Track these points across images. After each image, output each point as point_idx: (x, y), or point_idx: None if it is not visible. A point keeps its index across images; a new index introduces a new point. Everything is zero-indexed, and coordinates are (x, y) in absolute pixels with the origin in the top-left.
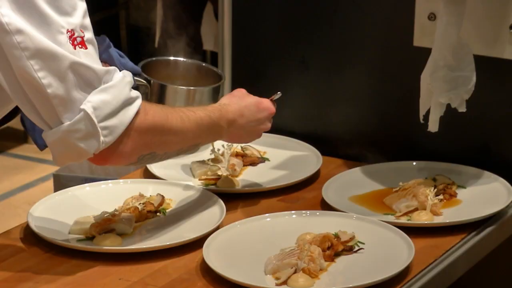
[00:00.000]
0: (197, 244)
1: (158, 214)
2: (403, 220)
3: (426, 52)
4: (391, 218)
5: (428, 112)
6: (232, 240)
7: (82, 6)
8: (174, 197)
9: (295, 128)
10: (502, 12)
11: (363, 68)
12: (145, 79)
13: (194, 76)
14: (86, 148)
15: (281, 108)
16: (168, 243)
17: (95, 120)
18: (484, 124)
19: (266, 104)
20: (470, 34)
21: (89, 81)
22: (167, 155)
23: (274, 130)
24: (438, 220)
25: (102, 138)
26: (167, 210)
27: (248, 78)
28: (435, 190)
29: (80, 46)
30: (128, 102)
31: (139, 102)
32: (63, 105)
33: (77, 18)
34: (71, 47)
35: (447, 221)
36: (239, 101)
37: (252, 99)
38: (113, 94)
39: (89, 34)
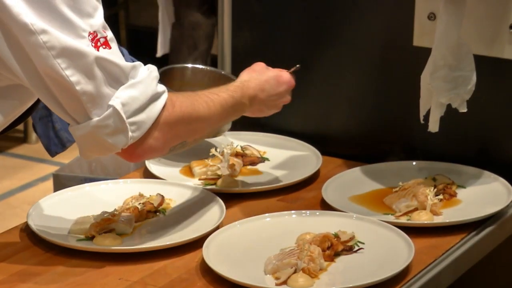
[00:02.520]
0: (197, 244)
1: (158, 214)
2: (403, 220)
3: (426, 52)
4: (391, 218)
5: (428, 112)
6: (232, 240)
7: (101, 7)
8: (174, 197)
9: (295, 128)
10: (502, 12)
11: (363, 68)
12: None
13: (213, 85)
14: (114, 143)
15: (282, 109)
16: (168, 243)
17: (124, 116)
18: (484, 124)
19: (286, 77)
20: (470, 34)
21: (116, 77)
22: (196, 141)
23: (274, 130)
24: (438, 220)
25: (130, 134)
26: (167, 210)
27: None
28: (435, 190)
29: (104, 46)
30: (155, 97)
31: (165, 96)
32: (92, 102)
33: (99, 19)
34: (94, 49)
35: (447, 221)
36: (259, 76)
37: (272, 73)
38: (140, 89)
39: (110, 33)
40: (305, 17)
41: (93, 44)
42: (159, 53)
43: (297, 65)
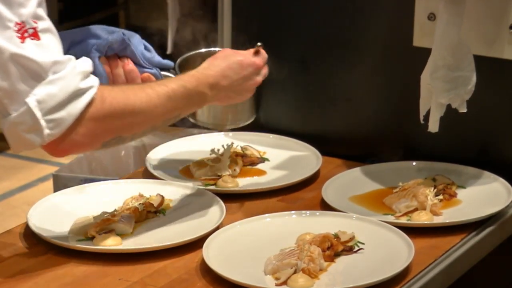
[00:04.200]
0: (196, 244)
1: (157, 214)
2: (403, 220)
3: (426, 52)
4: (391, 218)
5: (428, 112)
6: (232, 240)
7: None
8: (174, 197)
9: (295, 128)
10: (502, 12)
11: (363, 68)
12: (175, 75)
13: None
14: (31, 140)
15: (281, 108)
16: (167, 243)
17: (38, 114)
18: (484, 124)
19: (249, 60)
20: (470, 34)
21: (33, 73)
22: (138, 135)
23: (274, 130)
24: (438, 220)
25: (47, 131)
26: (166, 210)
27: None
28: (435, 190)
29: (32, 37)
30: (78, 93)
31: (92, 91)
32: (9, 98)
33: (30, 8)
34: (18, 40)
35: (447, 221)
36: (220, 63)
37: (235, 57)
38: (59, 86)
39: (44, 24)
40: (305, 16)
41: (18, 35)
42: (169, 50)
43: (258, 43)
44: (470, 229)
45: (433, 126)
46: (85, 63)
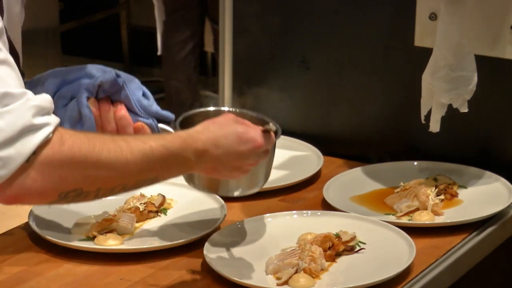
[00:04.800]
0: (198, 244)
1: (159, 214)
2: (404, 220)
3: (427, 52)
4: (392, 218)
5: (429, 112)
6: (233, 240)
7: None
8: (175, 197)
9: (296, 128)
10: (503, 12)
11: (364, 68)
12: (174, 129)
13: None
14: None
15: (282, 108)
16: (169, 243)
17: None
18: (485, 124)
19: (252, 135)
20: (471, 34)
21: None
22: (104, 192)
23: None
24: (439, 220)
25: None
26: (168, 210)
27: (248, 79)
28: (436, 190)
29: None
30: (30, 129)
31: (48, 130)
32: None
33: None
34: None
35: (448, 221)
36: (217, 129)
37: (236, 128)
38: (7, 120)
39: (0, 55)
40: (306, 16)
41: None
42: (160, 51)
43: (271, 123)
44: (471, 229)
45: (434, 126)
46: (43, 98)
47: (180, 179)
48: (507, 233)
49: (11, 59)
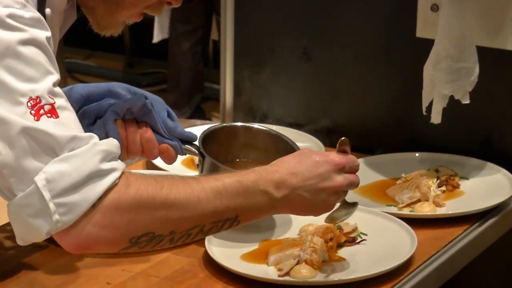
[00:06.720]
0: None
1: None
2: (406, 212)
3: (429, 43)
4: (393, 210)
5: (431, 103)
6: (234, 231)
7: (55, 76)
8: None
9: (298, 119)
10: (505, 3)
11: (366, 59)
12: (198, 150)
13: (271, 149)
14: (37, 227)
15: (284, 99)
16: None
17: (47, 195)
18: (486, 115)
19: (326, 157)
20: (473, 26)
21: (47, 148)
22: (180, 236)
23: (276, 121)
24: (440, 211)
25: (56, 217)
26: None
27: (250, 69)
28: (438, 181)
29: (49, 115)
30: (96, 175)
31: (115, 175)
32: (14, 175)
33: (45, 84)
34: (32, 117)
35: (450, 212)
36: (290, 159)
37: (310, 156)
38: (74, 164)
39: (62, 101)
40: (308, 8)
41: (33, 112)
42: (155, 39)
43: (342, 138)
44: (472, 220)
45: (436, 117)
46: (110, 143)
47: (181, 171)
48: (508, 224)
49: (69, 105)
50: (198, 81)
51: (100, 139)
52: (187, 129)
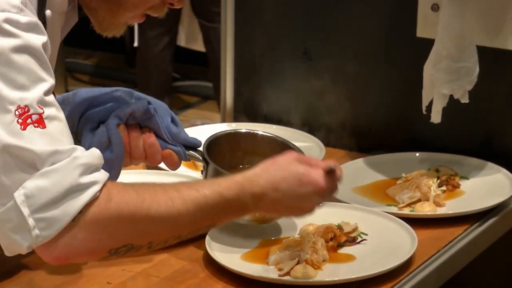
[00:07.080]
0: (199, 235)
1: None
2: (406, 211)
3: (429, 43)
4: (394, 209)
5: (431, 103)
6: (235, 231)
7: (48, 83)
8: None
9: (298, 119)
10: (505, 3)
11: (366, 59)
12: (202, 156)
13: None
14: (18, 241)
15: (284, 99)
16: None
17: (25, 211)
18: (487, 115)
19: (313, 177)
20: (473, 25)
21: (27, 164)
22: (158, 243)
23: (277, 121)
24: (441, 211)
25: (35, 232)
26: None
27: (250, 69)
28: (438, 181)
29: (36, 124)
30: (76, 189)
31: (95, 189)
32: None
33: (35, 93)
34: (18, 126)
35: (450, 212)
36: (277, 171)
37: (297, 169)
38: (53, 179)
39: (51, 111)
40: (308, 7)
41: (20, 120)
42: (136, 43)
43: (332, 164)
44: (473, 220)
45: (436, 116)
46: (92, 155)
47: (182, 171)
48: (508, 224)
49: (62, 113)
50: (167, 83)
51: (103, 144)
52: (187, 130)
